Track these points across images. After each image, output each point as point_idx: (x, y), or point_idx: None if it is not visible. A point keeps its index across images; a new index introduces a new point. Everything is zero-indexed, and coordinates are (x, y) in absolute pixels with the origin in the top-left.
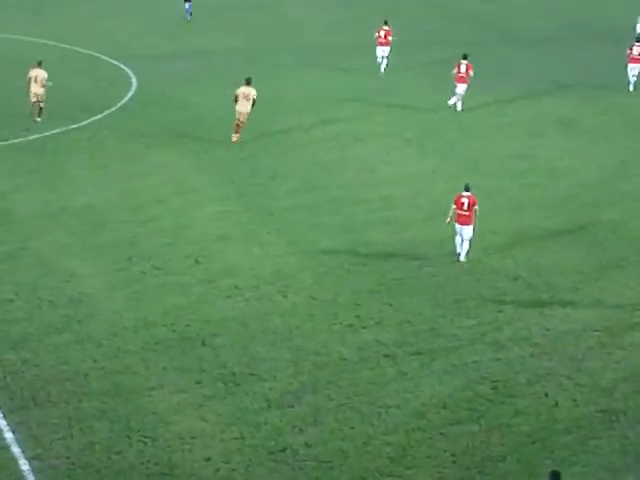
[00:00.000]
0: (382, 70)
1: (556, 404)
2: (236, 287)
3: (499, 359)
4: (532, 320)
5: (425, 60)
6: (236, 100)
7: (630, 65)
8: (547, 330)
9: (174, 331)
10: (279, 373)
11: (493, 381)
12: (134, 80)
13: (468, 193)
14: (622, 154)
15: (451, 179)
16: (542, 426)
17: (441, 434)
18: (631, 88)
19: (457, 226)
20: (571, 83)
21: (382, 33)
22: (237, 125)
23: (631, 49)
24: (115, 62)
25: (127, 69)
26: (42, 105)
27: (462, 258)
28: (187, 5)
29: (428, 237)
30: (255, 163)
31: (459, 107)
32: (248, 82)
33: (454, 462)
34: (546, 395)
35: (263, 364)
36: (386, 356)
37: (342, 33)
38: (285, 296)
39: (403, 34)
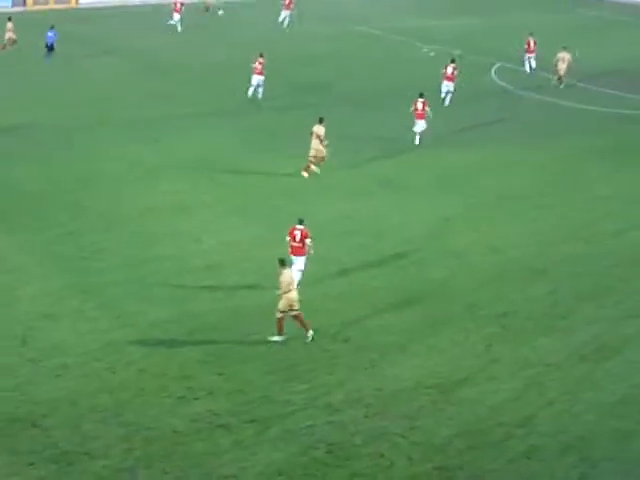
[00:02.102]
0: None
1: (392, 464)
2: (64, 365)
3: (333, 422)
4: (363, 381)
5: (251, 126)
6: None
7: (444, 83)
8: (379, 390)
9: (3, 414)
10: (112, 450)
11: (328, 444)
12: None
13: (301, 226)
14: (444, 211)
15: (276, 244)
16: None
17: None
18: (446, 103)
19: (292, 257)
20: (394, 145)
21: None
22: (310, 162)
23: (446, 68)
24: None
25: None
26: None
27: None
28: None
29: (255, 304)
30: (79, 239)
31: (417, 141)
32: (320, 121)
33: None
34: (382, 455)
35: (95, 442)
36: (220, 426)
37: (154, 106)
38: (114, 372)
39: (230, 100)
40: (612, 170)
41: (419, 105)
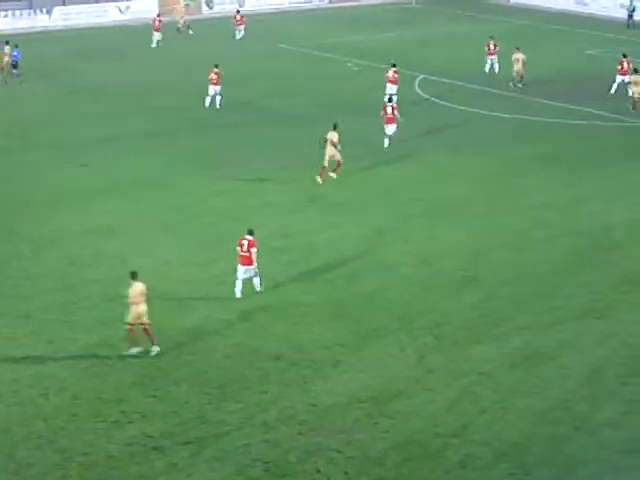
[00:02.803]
0: None
1: (328, 479)
2: None
3: (268, 440)
4: (297, 398)
5: (184, 146)
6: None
7: (388, 85)
8: (313, 406)
9: None
10: (47, 477)
11: (264, 462)
12: None
13: (250, 237)
14: (375, 224)
15: (207, 263)
16: None
17: None
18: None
19: (239, 267)
20: (321, 160)
21: None
22: (323, 168)
23: (387, 72)
24: None
25: None
26: None
27: (258, 289)
28: None
29: (187, 324)
30: (6, 266)
31: (385, 144)
32: (334, 127)
33: None
34: (318, 471)
35: (30, 469)
36: (154, 449)
37: (89, 128)
38: (47, 398)
39: (165, 120)
40: (543, 178)
41: (388, 110)
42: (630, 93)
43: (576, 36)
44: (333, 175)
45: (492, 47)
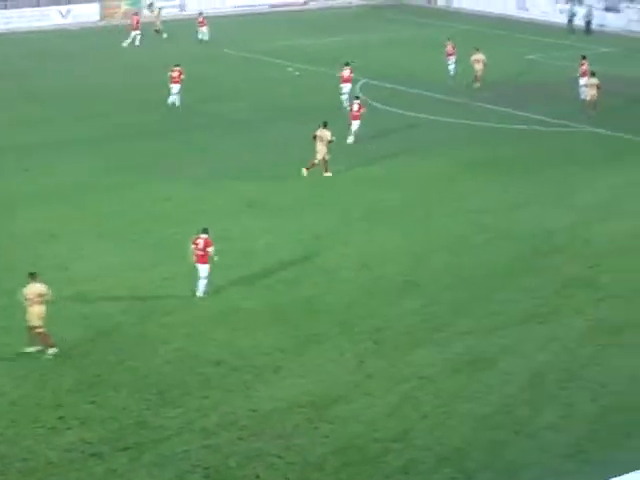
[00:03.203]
0: None
1: None
2: None
3: (208, 446)
4: (238, 403)
5: (122, 152)
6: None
7: (342, 85)
8: (254, 411)
9: None
10: None
11: (204, 468)
12: None
13: (205, 235)
14: (314, 229)
15: (147, 268)
16: None
17: None
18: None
19: (198, 265)
20: (260, 165)
21: None
22: (313, 164)
23: (342, 72)
24: None
25: None
26: None
27: (199, 294)
28: None
29: (127, 330)
30: None
31: (350, 140)
32: (325, 125)
33: None
34: (258, 477)
35: None
36: (93, 455)
37: (26, 133)
38: None
39: (104, 125)
40: (483, 183)
41: (355, 107)
42: (583, 96)
43: (517, 41)
44: (328, 174)
45: (451, 49)
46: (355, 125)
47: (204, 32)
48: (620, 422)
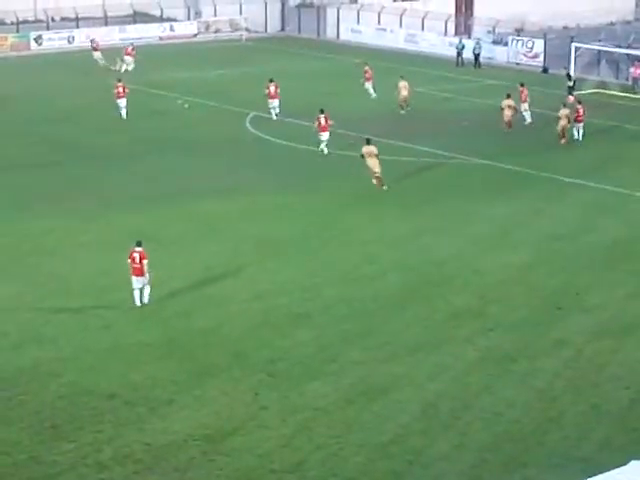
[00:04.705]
0: None
1: None
2: None
3: None
4: (132, 437)
5: (7, 183)
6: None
7: (269, 101)
8: (148, 445)
9: None
10: None
11: None
12: None
13: (139, 249)
14: (206, 260)
15: (37, 302)
16: None
17: None
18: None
19: (133, 278)
20: (148, 195)
21: None
22: (378, 178)
23: (268, 88)
24: None
25: None
26: None
27: (145, 301)
28: None
29: (19, 364)
30: None
31: (325, 151)
32: (368, 141)
33: None
34: None
35: None
36: None
37: None
38: None
39: None
40: (372, 214)
41: (322, 120)
42: (528, 121)
43: (406, 74)
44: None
45: (370, 72)
46: (324, 136)
47: (130, 62)
48: (515, 451)
